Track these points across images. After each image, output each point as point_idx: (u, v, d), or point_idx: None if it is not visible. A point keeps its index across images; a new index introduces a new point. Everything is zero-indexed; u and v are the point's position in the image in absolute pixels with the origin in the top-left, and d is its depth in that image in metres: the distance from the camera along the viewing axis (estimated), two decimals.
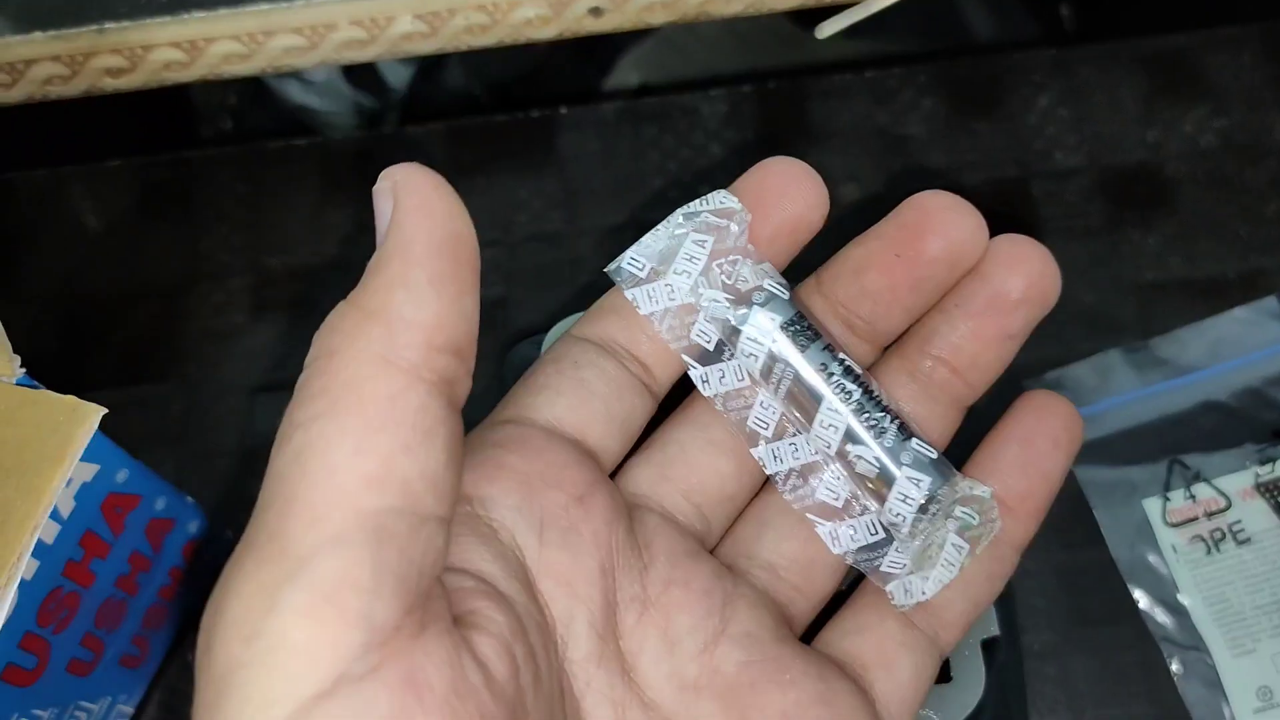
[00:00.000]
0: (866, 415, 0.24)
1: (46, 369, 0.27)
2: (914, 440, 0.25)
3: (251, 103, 0.48)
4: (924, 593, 0.25)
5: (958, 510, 0.25)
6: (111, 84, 0.34)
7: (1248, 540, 0.34)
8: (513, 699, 0.19)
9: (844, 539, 0.25)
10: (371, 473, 0.17)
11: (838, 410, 0.24)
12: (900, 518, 0.24)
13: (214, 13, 0.32)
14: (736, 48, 0.47)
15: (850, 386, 0.24)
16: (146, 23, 0.32)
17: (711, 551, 0.25)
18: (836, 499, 0.25)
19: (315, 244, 0.41)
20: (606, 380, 0.24)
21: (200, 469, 0.38)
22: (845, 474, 0.25)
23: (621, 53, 0.47)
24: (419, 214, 0.19)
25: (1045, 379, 0.37)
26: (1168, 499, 0.35)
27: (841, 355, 0.25)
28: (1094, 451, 0.36)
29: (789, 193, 0.24)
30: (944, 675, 0.32)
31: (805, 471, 0.25)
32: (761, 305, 0.24)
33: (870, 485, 0.25)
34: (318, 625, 0.16)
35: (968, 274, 0.25)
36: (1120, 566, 0.35)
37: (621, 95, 0.46)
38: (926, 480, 0.24)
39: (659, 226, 0.25)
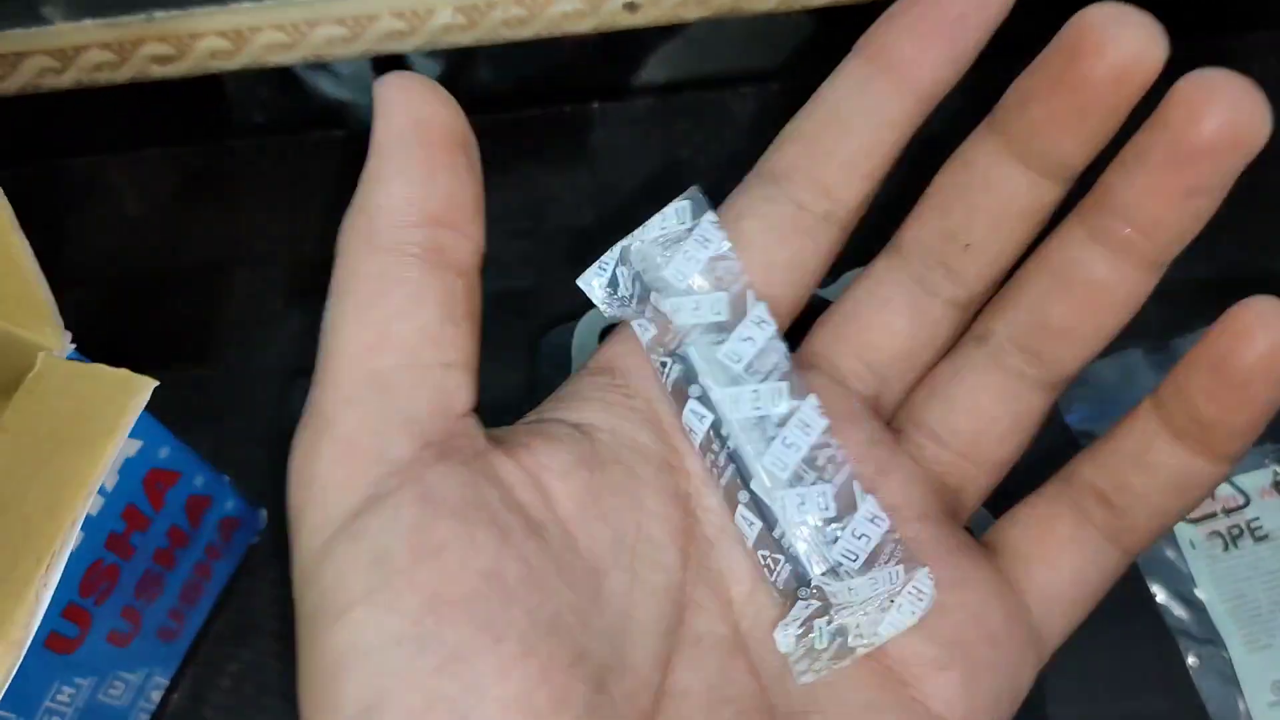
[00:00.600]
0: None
1: (87, 351, 0.28)
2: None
3: (281, 95, 0.49)
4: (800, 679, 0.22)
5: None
6: (158, 71, 0.35)
7: (1265, 537, 0.35)
8: (542, 518, 0.21)
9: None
10: (370, 340, 0.20)
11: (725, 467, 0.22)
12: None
13: (260, 3, 0.33)
14: (764, 45, 0.47)
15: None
16: (194, 12, 0.33)
17: (890, 418, 0.25)
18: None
19: None
20: (768, 226, 0.24)
21: (236, 450, 0.39)
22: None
23: (650, 49, 0.47)
24: (386, 112, 0.21)
25: None
26: None
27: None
28: None
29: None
30: None
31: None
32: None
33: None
34: (345, 465, 0.20)
35: (1150, 121, 0.22)
36: (1138, 561, 0.35)
37: (651, 91, 0.46)
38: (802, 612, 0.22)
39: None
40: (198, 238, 0.42)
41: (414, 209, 0.21)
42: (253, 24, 0.33)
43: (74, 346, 0.27)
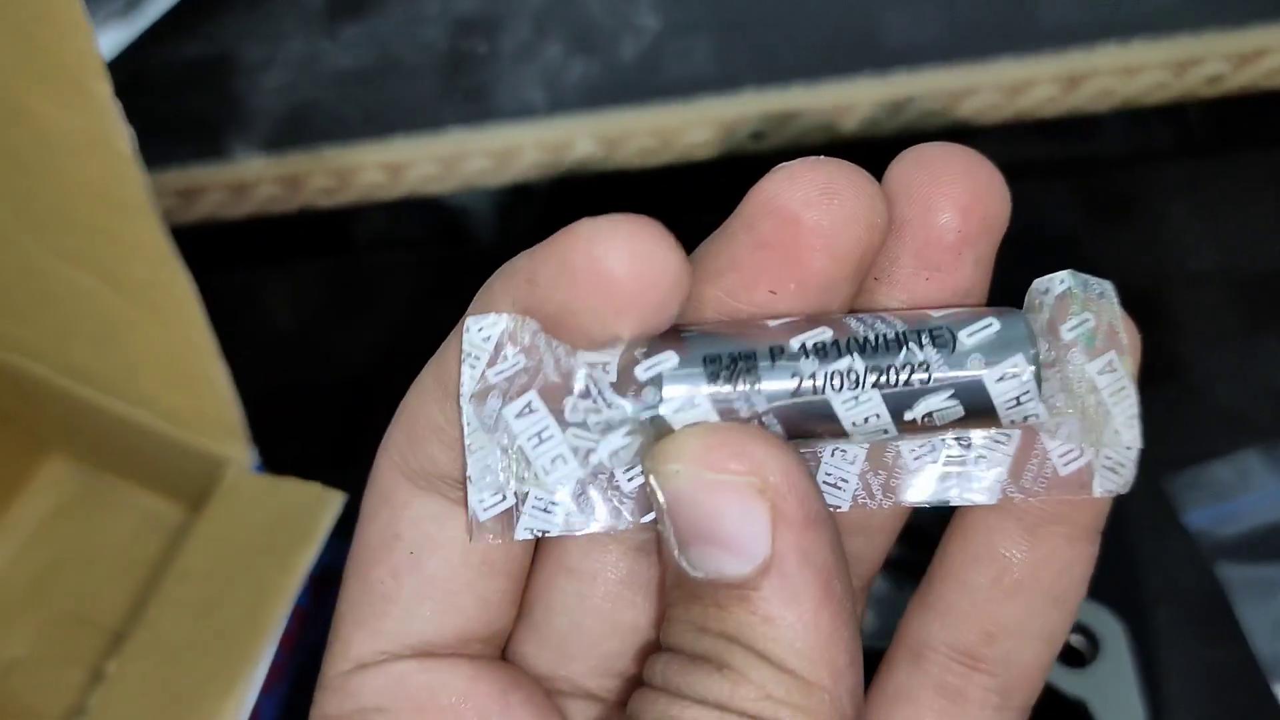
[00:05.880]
0: (889, 369, 0.18)
1: None
2: (960, 335, 0.18)
3: (416, 211, 0.52)
4: (1128, 445, 0.18)
5: (1065, 333, 0.19)
6: (323, 202, 0.38)
7: None
8: None
9: (990, 475, 0.19)
10: None
11: (855, 397, 0.17)
12: (1026, 410, 0.18)
13: (415, 139, 0.36)
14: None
15: (840, 361, 0.17)
16: (356, 147, 0.36)
17: None
18: (945, 450, 0.19)
19: None
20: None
21: None
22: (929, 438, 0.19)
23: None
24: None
25: (1183, 476, 0.38)
26: None
27: (793, 340, 0.18)
28: (1233, 548, 0.37)
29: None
30: None
31: (891, 468, 0.19)
32: (660, 390, 0.17)
33: (970, 427, 0.18)
34: None
35: None
36: (1262, 663, 0.36)
37: None
38: (1015, 356, 0.18)
39: (466, 436, 0.17)
40: (343, 348, 0.45)
41: None
42: (409, 158, 0.36)
43: (259, 459, 0.30)
